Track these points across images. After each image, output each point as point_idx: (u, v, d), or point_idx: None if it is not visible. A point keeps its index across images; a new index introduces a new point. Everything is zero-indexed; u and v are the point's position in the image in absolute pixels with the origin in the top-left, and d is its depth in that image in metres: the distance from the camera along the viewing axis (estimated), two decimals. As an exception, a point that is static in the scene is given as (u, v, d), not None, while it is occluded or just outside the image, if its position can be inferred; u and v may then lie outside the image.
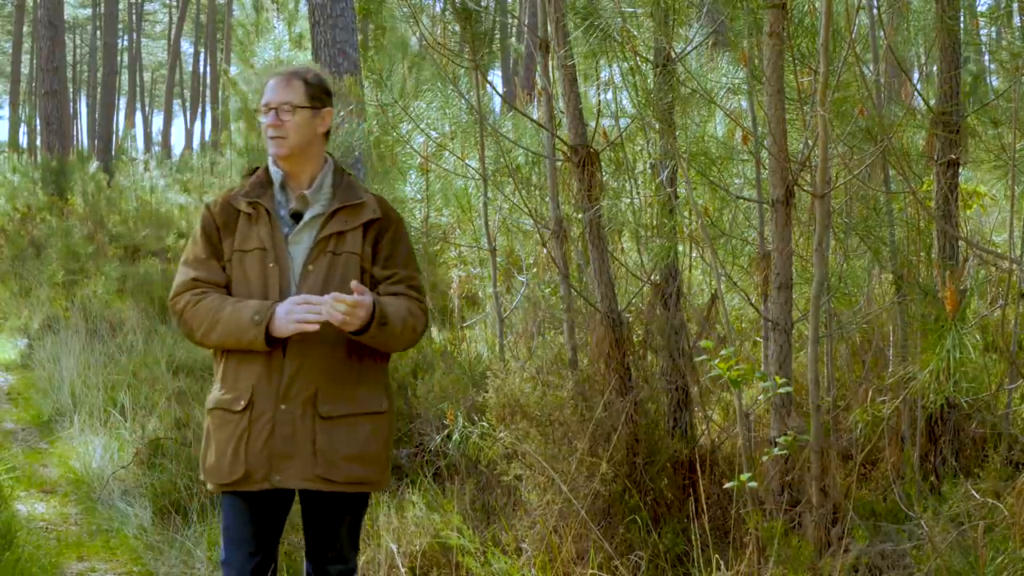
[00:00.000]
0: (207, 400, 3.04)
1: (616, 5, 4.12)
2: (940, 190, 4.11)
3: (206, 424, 3.03)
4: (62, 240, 13.17)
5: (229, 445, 2.91)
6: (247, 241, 2.96)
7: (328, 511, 3.04)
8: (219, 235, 2.99)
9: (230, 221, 2.99)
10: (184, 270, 3.01)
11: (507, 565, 3.61)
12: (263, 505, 3.00)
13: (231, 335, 2.87)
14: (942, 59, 4.10)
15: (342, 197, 3.02)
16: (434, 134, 6.02)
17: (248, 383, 2.91)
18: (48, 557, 4.62)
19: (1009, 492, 3.45)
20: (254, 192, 3.00)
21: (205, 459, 3.01)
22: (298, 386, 2.89)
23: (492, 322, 6.33)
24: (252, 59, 10.73)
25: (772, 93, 3.57)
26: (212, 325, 2.89)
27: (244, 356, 2.92)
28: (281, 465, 2.89)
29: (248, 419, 2.89)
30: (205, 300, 2.92)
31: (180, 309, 2.96)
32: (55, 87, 19.81)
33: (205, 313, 2.90)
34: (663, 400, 4.35)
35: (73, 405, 7.03)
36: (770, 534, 3.30)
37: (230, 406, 2.92)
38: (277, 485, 2.90)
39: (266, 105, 2.98)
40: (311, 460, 2.90)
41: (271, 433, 2.88)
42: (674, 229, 4.35)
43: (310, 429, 2.90)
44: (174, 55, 41.20)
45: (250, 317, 2.84)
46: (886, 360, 4.48)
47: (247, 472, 2.90)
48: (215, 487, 3.00)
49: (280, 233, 2.97)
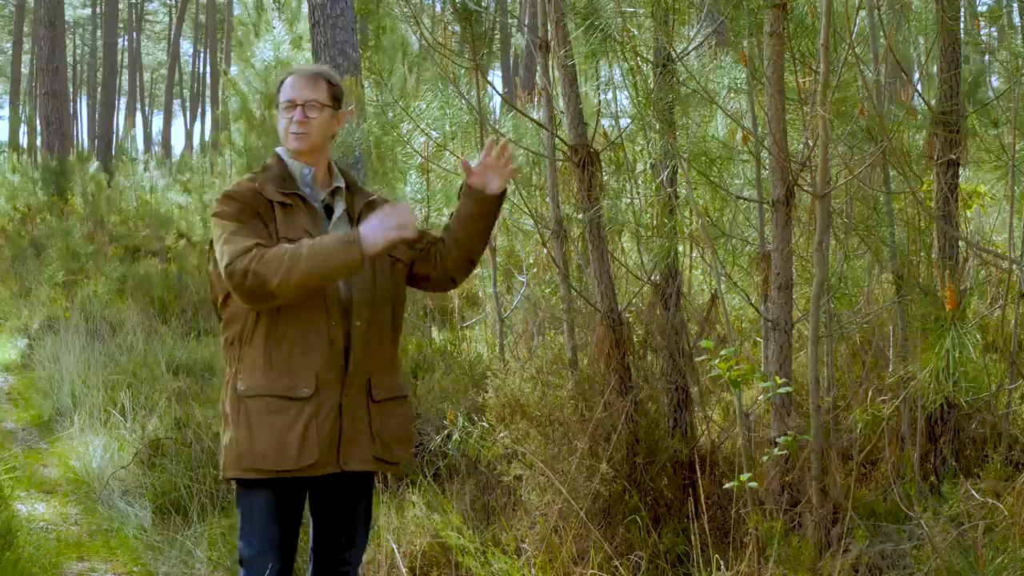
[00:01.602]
0: (240, 386, 2.93)
1: (616, 5, 4.12)
2: (940, 190, 4.12)
3: (236, 411, 2.94)
4: (62, 240, 13.18)
5: (293, 431, 2.88)
6: (291, 230, 2.94)
7: (349, 494, 3.10)
8: (261, 217, 2.95)
9: (264, 210, 2.96)
10: (234, 239, 2.86)
11: (507, 565, 3.61)
12: (299, 497, 3.03)
13: (318, 267, 2.80)
14: (942, 59, 4.10)
15: (360, 193, 3.15)
16: (434, 134, 6.01)
17: (310, 370, 2.90)
18: (48, 557, 4.62)
19: (1009, 492, 3.45)
20: (284, 184, 3.01)
21: (249, 445, 2.91)
22: (360, 372, 2.98)
23: (492, 322, 6.33)
24: (252, 59, 10.73)
25: (772, 93, 3.57)
26: (292, 264, 2.78)
27: (302, 342, 2.91)
28: (347, 449, 2.96)
29: (315, 405, 2.90)
30: (271, 251, 2.82)
31: (244, 266, 2.80)
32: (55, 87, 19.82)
33: (279, 257, 2.80)
34: (663, 400, 4.35)
35: (73, 405, 7.03)
36: (770, 534, 3.30)
37: (290, 392, 2.89)
38: (343, 468, 2.96)
39: (290, 101, 3.02)
40: (369, 443, 3.00)
41: (337, 418, 2.93)
42: (674, 229, 4.35)
43: (366, 413, 3.00)
44: (174, 55, 41.23)
45: (338, 239, 2.82)
46: (886, 360, 4.48)
47: (320, 457, 2.91)
48: (267, 473, 2.92)
49: (324, 223, 3.02)
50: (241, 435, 2.92)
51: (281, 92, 3.06)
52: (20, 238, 14.83)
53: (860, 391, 4.29)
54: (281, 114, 3.05)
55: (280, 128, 3.07)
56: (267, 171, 3.04)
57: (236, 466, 2.94)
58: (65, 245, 12.90)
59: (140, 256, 13.92)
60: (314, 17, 10.16)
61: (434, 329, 6.84)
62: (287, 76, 3.08)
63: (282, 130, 3.06)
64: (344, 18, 10.14)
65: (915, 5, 4.51)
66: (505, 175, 3.11)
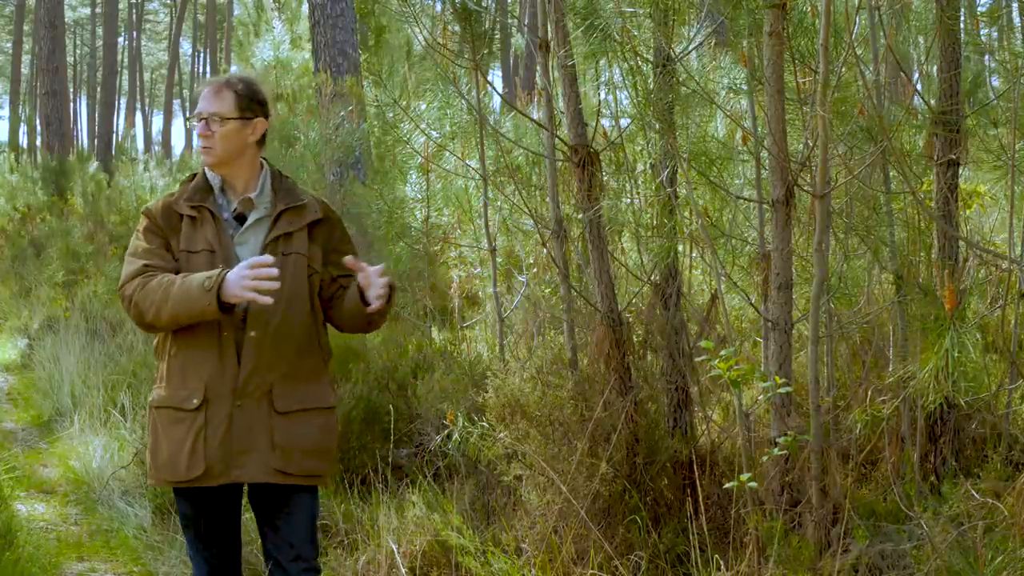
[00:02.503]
0: (152, 398, 3.05)
1: (616, 5, 4.12)
2: (940, 190, 4.11)
3: (150, 422, 3.05)
4: (62, 240, 13.16)
5: (185, 443, 2.93)
6: (193, 243, 2.99)
7: (283, 507, 3.06)
8: (165, 234, 3.02)
9: (173, 224, 3.02)
10: (131, 260, 2.99)
11: (507, 565, 3.61)
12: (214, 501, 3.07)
13: (183, 308, 2.85)
14: (942, 59, 4.10)
15: (284, 199, 3.10)
16: (434, 134, 6.01)
17: (199, 381, 2.94)
18: (48, 557, 4.62)
19: (1009, 492, 3.45)
20: (196, 196, 3.05)
21: (155, 456, 3.01)
22: (255, 382, 2.95)
23: (492, 322, 6.33)
24: (252, 59, 10.72)
25: (772, 93, 3.57)
26: (163, 302, 2.87)
27: (193, 355, 2.95)
28: (240, 460, 2.94)
29: (204, 416, 2.92)
30: (152, 281, 2.91)
31: (129, 295, 2.93)
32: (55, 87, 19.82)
33: (154, 292, 2.89)
34: (663, 400, 4.35)
35: (73, 405, 7.03)
36: (770, 534, 3.30)
37: (181, 404, 2.94)
38: (236, 480, 2.96)
39: (197, 115, 3.04)
40: (269, 454, 2.96)
41: (228, 429, 2.93)
42: (674, 229, 4.34)
43: (267, 424, 2.96)
44: (174, 55, 41.22)
45: (200, 284, 2.83)
46: (886, 360, 4.48)
47: (207, 468, 2.93)
48: (168, 483, 3.03)
49: (226, 235, 3.03)
50: (151, 445, 3.05)
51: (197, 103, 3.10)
52: (20, 238, 14.82)
53: (860, 391, 4.29)
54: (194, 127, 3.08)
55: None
56: (188, 183, 3.10)
57: (152, 476, 3.09)
58: (65, 245, 12.89)
59: (140, 256, 13.87)
60: (314, 17, 10.16)
61: (434, 329, 6.83)
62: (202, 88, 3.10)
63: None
64: (344, 18, 10.14)
65: (915, 5, 4.50)
66: (377, 305, 2.96)
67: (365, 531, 4.27)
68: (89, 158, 19.90)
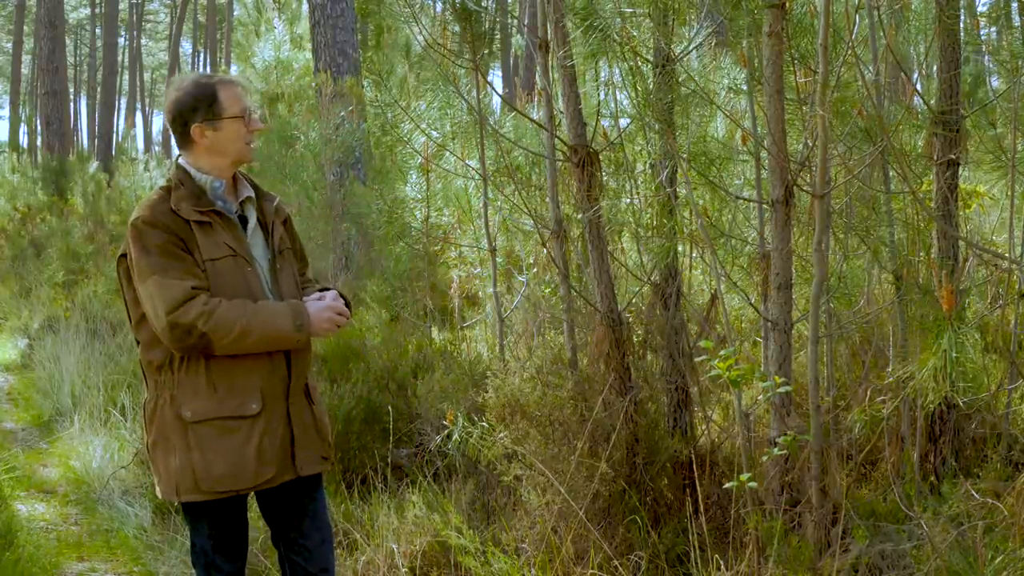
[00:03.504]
0: (186, 413, 2.89)
1: (616, 5, 4.12)
2: (940, 190, 4.11)
3: (187, 438, 2.89)
4: (62, 240, 13.17)
5: (246, 449, 2.91)
6: (213, 249, 2.91)
7: (313, 493, 3.16)
8: (186, 246, 2.89)
9: (187, 234, 2.90)
10: (167, 284, 2.80)
11: (507, 565, 3.61)
12: (242, 506, 3.09)
13: (266, 343, 2.90)
14: (942, 59, 4.10)
15: (266, 197, 3.17)
16: (435, 134, 6.01)
17: (254, 386, 2.93)
18: (48, 557, 4.62)
19: (1009, 492, 3.45)
20: (199, 201, 2.95)
21: (208, 470, 2.89)
22: (301, 380, 3.07)
23: (492, 322, 6.33)
24: (252, 59, 10.72)
25: (772, 93, 3.57)
26: (243, 334, 2.82)
27: (241, 363, 2.90)
28: (301, 455, 3.03)
29: (264, 420, 2.94)
30: (221, 308, 2.81)
31: (190, 324, 2.77)
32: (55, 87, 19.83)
33: (230, 323, 2.80)
34: (663, 400, 4.35)
35: (73, 405, 7.03)
36: (770, 534, 3.30)
37: (238, 411, 2.91)
38: (299, 474, 3.04)
39: (248, 110, 3.01)
40: (318, 444, 3.10)
41: (286, 428, 3.00)
42: (674, 229, 4.35)
43: (311, 416, 3.10)
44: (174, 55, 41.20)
45: (291, 323, 2.91)
46: (886, 360, 4.48)
47: (277, 469, 2.97)
48: (225, 494, 2.93)
49: (242, 235, 3.01)
50: (195, 459, 2.90)
51: (226, 103, 2.96)
52: (20, 238, 14.83)
53: (860, 391, 4.29)
54: (232, 124, 2.97)
55: (229, 140, 2.98)
56: (179, 189, 2.95)
57: (195, 490, 2.92)
58: (65, 245, 12.90)
59: (140, 256, 13.87)
60: (314, 17, 10.16)
61: (434, 329, 6.83)
62: (222, 85, 2.99)
63: (238, 142, 2.99)
64: (344, 18, 10.15)
65: (915, 5, 4.50)
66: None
67: (365, 531, 4.27)
68: (89, 158, 19.91)
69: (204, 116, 2.95)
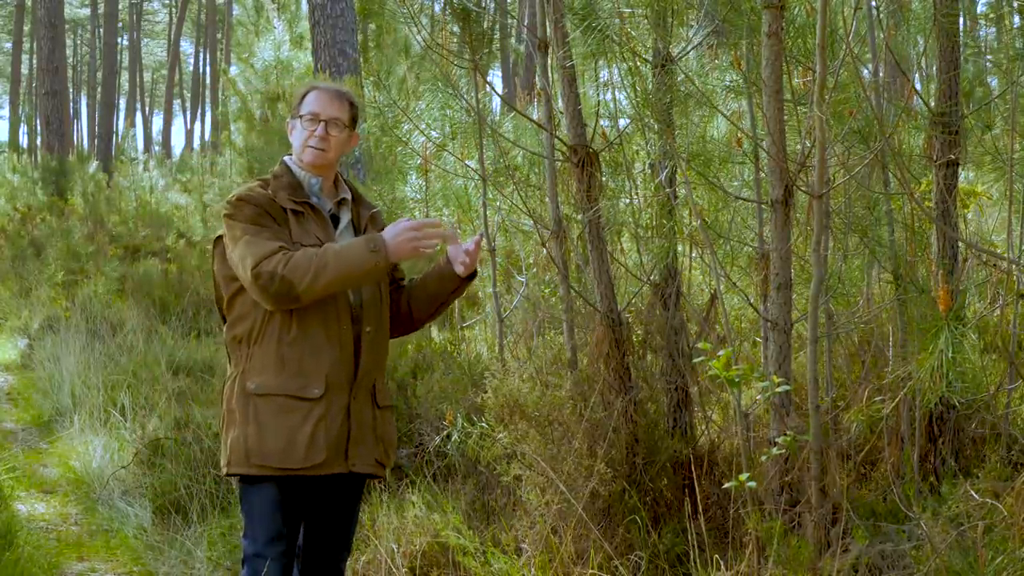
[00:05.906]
0: (251, 385, 2.98)
1: (615, 6, 4.12)
2: (939, 190, 4.11)
3: (245, 408, 2.98)
4: (62, 240, 13.17)
5: (302, 431, 2.95)
6: (303, 236, 3.02)
7: (351, 495, 3.19)
8: (276, 221, 3.01)
9: (280, 216, 3.03)
10: (256, 242, 2.93)
11: (507, 565, 3.62)
12: (302, 497, 3.07)
13: (345, 271, 2.90)
14: (941, 59, 4.10)
15: (364, 204, 3.26)
16: (434, 134, 6.01)
17: (320, 371, 2.97)
18: (48, 557, 4.63)
19: (1008, 492, 3.45)
20: (295, 193, 3.09)
21: (260, 443, 2.95)
22: (367, 378, 3.08)
23: (492, 322, 6.33)
24: (252, 59, 10.72)
25: (770, 94, 3.57)
26: (320, 269, 2.88)
27: (312, 344, 2.97)
28: (354, 451, 3.04)
29: (324, 406, 2.97)
30: (297, 255, 2.90)
31: (271, 271, 2.87)
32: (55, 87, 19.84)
33: (306, 262, 2.88)
34: (663, 400, 4.35)
35: (73, 405, 7.03)
36: (770, 534, 3.30)
37: (298, 392, 2.96)
38: (350, 469, 3.04)
39: (314, 114, 3.09)
40: (375, 446, 3.10)
41: (345, 420, 3.01)
42: (673, 229, 4.35)
43: (371, 417, 3.10)
44: (174, 55, 41.21)
45: (365, 247, 2.91)
46: (885, 360, 4.48)
47: (328, 457, 2.98)
48: (275, 471, 2.96)
49: (332, 231, 3.10)
50: (250, 432, 2.97)
51: (304, 103, 3.13)
52: (20, 238, 14.83)
53: (859, 391, 4.29)
54: (301, 125, 3.11)
55: (296, 138, 3.13)
56: (277, 179, 3.10)
57: (244, 462, 2.98)
58: (65, 245, 12.90)
59: (140, 256, 13.89)
60: (314, 17, 10.16)
61: (434, 329, 6.83)
62: (312, 89, 3.16)
63: (299, 141, 3.12)
64: (344, 18, 10.15)
65: (914, 5, 4.50)
66: (470, 266, 3.15)
67: (365, 531, 4.28)
68: (89, 158, 19.90)
69: (292, 113, 3.18)
